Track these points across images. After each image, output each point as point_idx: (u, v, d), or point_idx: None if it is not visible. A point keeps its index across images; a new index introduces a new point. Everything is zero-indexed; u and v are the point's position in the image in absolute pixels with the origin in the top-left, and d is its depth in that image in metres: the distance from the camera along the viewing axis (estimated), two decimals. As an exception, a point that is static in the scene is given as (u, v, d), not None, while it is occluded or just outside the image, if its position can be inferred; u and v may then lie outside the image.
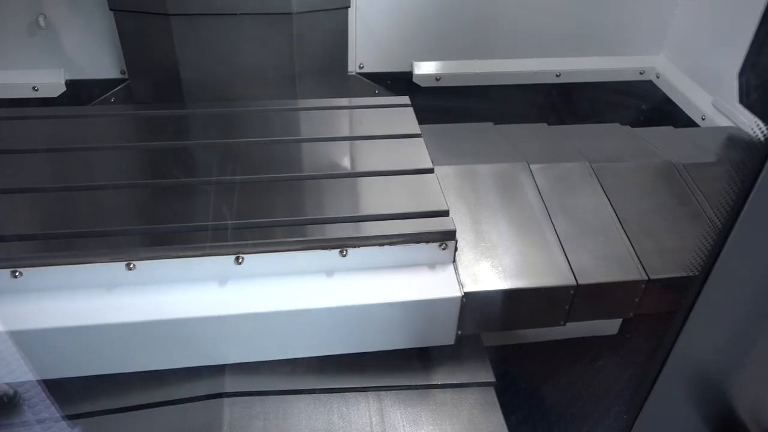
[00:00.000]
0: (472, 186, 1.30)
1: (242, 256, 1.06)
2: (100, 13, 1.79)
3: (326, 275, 1.10)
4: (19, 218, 1.13)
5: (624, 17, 2.04)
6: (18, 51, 1.83)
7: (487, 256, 1.17)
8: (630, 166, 1.37)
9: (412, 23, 1.94)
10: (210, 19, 1.64)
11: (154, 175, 1.26)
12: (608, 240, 1.22)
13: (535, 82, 2.05)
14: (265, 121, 1.41)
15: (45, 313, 1.04)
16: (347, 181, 1.22)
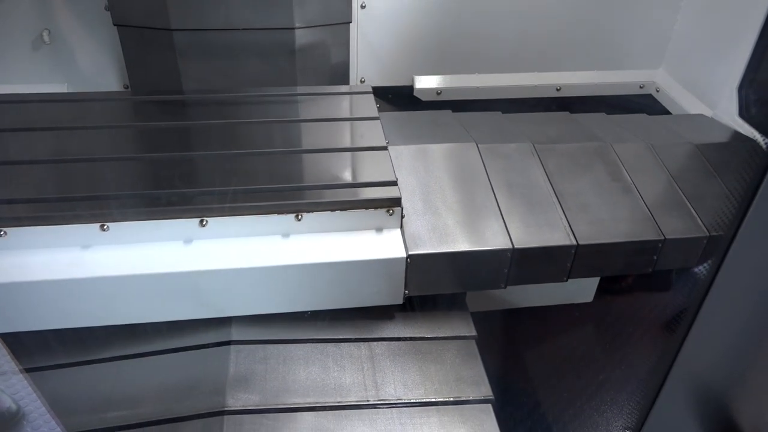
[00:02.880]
0: (424, 164, 1.42)
1: (206, 219, 1.16)
2: (103, 28, 1.80)
3: (282, 237, 1.20)
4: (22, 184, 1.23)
5: (623, 32, 2.06)
6: (22, 65, 1.85)
7: (433, 223, 1.27)
8: (569, 147, 1.50)
9: (413, 38, 1.96)
10: (212, 34, 1.66)
11: (139, 150, 1.36)
12: (544, 210, 1.33)
13: (536, 96, 2.06)
14: (236, 105, 1.52)
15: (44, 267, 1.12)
16: (307, 156, 1.33)
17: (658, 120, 1.81)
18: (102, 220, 1.15)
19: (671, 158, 1.51)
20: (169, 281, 1.14)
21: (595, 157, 1.49)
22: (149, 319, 1.20)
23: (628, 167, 1.47)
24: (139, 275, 1.13)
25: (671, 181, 1.45)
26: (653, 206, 1.36)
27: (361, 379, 1.17)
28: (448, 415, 1.13)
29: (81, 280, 1.12)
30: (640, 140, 1.57)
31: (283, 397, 1.12)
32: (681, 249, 1.33)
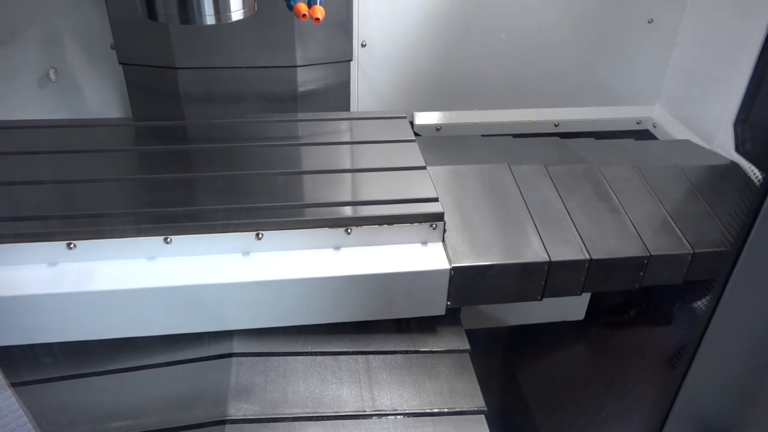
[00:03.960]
0: (459, 183, 1.52)
1: (262, 233, 1.23)
2: (109, 66, 1.84)
3: (333, 250, 1.28)
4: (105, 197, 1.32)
5: (619, 69, 2.09)
6: (28, 102, 1.87)
7: (472, 237, 1.35)
8: (561, 169, 1.61)
9: (413, 75, 1.99)
10: (215, 72, 1.69)
11: (200, 169, 1.44)
12: (561, 227, 1.41)
13: (534, 132, 2.09)
14: (283, 129, 1.63)
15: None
16: (353, 175, 1.42)
17: (644, 144, 1.88)
18: (166, 233, 1.22)
19: (656, 180, 1.59)
20: (231, 291, 1.21)
21: (584, 178, 1.58)
22: (204, 329, 1.26)
23: (614, 188, 1.54)
24: (202, 285, 1.19)
25: (656, 201, 1.51)
26: (639, 224, 1.43)
27: (358, 391, 1.21)
28: (442, 425, 1.16)
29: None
30: (626, 163, 1.64)
31: (282, 407, 1.16)
32: (666, 265, 1.38)
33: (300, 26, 1.63)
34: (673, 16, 2.01)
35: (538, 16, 1.95)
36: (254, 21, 1.25)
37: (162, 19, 1.13)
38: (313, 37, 1.68)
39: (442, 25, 1.92)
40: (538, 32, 1.98)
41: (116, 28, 1.66)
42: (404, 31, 1.91)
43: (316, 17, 1.29)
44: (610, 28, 2.01)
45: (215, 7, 1.13)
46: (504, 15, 1.93)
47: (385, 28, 1.89)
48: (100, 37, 1.79)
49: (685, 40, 2.03)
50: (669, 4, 1.99)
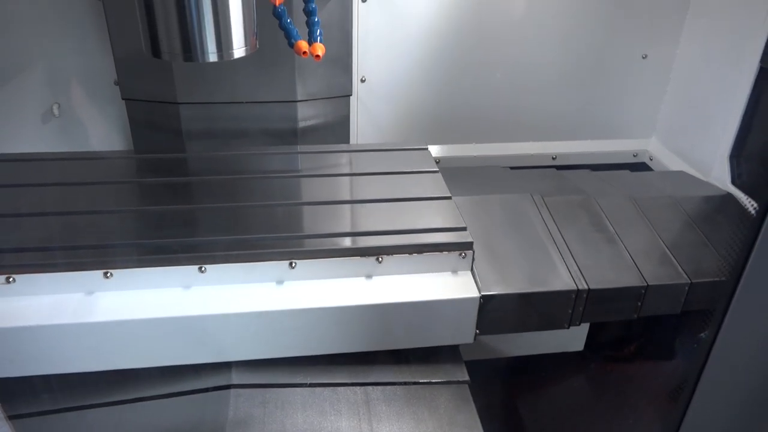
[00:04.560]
0: (483, 213, 1.57)
1: (295, 262, 1.25)
2: (111, 102, 1.87)
3: (365, 278, 1.29)
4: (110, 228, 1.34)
5: (615, 103, 2.13)
6: (31, 137, 1.89)
7: (500, 266, 1.37)
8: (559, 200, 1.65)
9: (411, 109, 2.02)
10: (217, 107, 1.71)
11: (233, 199, 1.47)
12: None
13: (532, 165, 2.11)
14: (308, 160, 1.67)
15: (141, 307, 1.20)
16: (381, 205, 1.45)
17: (640, 176, 1.90)
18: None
19: (652, 210, 1.61)
20: (260, 319, 1.22)
21: (580, 209, 1.61)
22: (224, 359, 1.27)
23: (611, 218, 1.56)
24: (235, 314, 1.20)
25: (653, 232, 1.53)
26: (636, 254, 1.44)
27: (357, 423, 1.20)
28: (441, 458, 1.15)
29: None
30: (622, 194, 1.66)
31: None
32: (664, 295, 1.38)
33: (300, 62, 1.66)
34: (666, 52, 2.05)
35: (535, 52, 1.99)
36: (255, 57, 1.27)
37: (166, 57, 1.15)
38: (313, 73, 1.71)
39: (440, 60, 1.95)
40: (535, 67, 2.02)
41: (120, 65, 1.69)
42: (403, 67, 1.94)
43: (316, 54, 1.31)
44: (605, 63, 2.05)
45: (218, 44, 1.15)
46: (500, 51, 1.97)
47: (384, 63, 1.93)
48: (103, 73, 1.82)
49: (678, 75, 2.06)
50: (662, 40, 2.03)
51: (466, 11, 1.89)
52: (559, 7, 1.93)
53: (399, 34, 1.89)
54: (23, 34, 1.75)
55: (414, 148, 1.71)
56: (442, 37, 1.92)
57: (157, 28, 1.13)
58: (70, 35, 1.77)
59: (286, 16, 1.32)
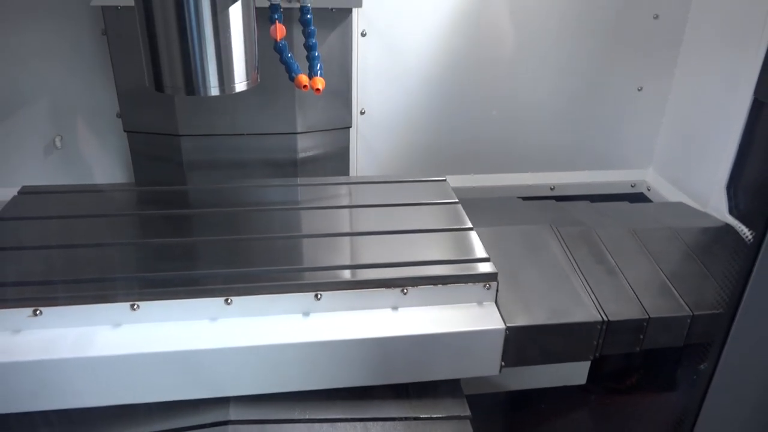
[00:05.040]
0: (503, 243, 1.57)
1: (321, 293, 1.25)
2: (113, 134, 1.88)
3: (391, 310, 1.29)
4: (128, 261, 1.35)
5: (613, 134, 2.15)
6: (33, 169, 1.91)
7: (524, 297, 1.37)
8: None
9: (410, 141, 2.04)
10: (218, 139, 1.73)
11: (257, 231, 1.48)
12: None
13: (531, 195, 2.12)
14: (327, 191, 1.69)
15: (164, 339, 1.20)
16: (404, 236, 1.46)
17: (639, 207, 1.91)
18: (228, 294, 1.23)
19: (652, 242, 1.61)
20: (288, 352, 1.22)
21: (580, 240, 1.61)
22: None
23: (611, 251, 1.56)
24: (264, 346, 1.20)
25: (653, 263, 1.53)
26: (637, 287, 1.44)
27: None
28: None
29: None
30: (621, 225, 1.67)
31: None
32: (666, 328, 1.38)
33: (301, 95, 1.68)
34: (661, 84, 2.08)
35: (531, 85, 2.02)
36: (257, 90, 1.29)
37: (168, 90, 1.17)
38: (313, 106, 1.73)
39: (438, 93, 1.98)
40: (532, 100, 2.05)
41: (122, 98, 1.71)
42: (401, 99, 1.97)
43: (316, 88, 1.33)
44: (601, 95, 2.08)
45: (220, 79, 1.17)
46: (497, 84, 2.00)
47: (383, 96, 1.95)
48: (106, 106, 1.85)
49: (674, 106, 2.09)
50: (657, 72, 2.06)
51: (463, 45, 1.92)
52: (555, 41, 1.97)
53: (398, 68, 1.92)
54: (28, 67, 1.78)
55: (433, 179, 1.73)
56: (440, 71, 1.95)
57: (160, 63, 1.15)
58: (74, 69, 1.80)
59: (287, 51, 1.34)
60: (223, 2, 1.12)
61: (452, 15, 1.88)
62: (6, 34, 1.73)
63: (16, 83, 1.80)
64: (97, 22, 1.73)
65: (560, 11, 1.93)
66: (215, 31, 1.12)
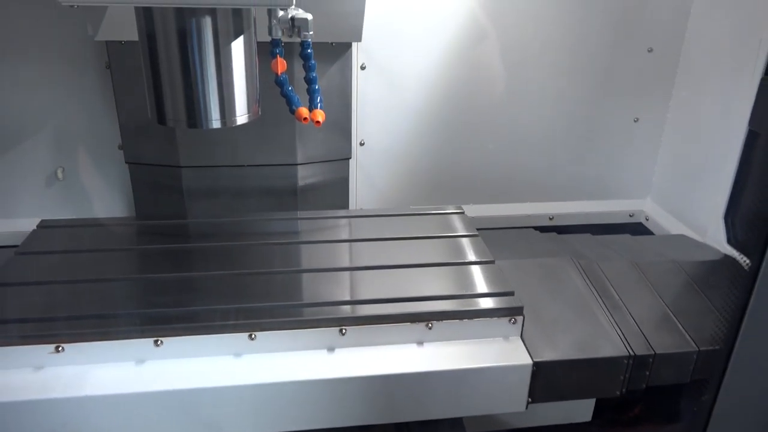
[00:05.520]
0: (524, 277, 1.55)
1: (345, 329, 1.24)
2: (115, 165, 1.90)
3: (417, 345, 1.28)
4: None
5: (610, 165, 2.16)
6: (34, 201, 1.92)
7: (548, 332, 1.36)
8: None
9: (409, 172, 2.06)
10: (219, 170, 1.74)
11: (278, 265, 1.47)
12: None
13: (529, 225, 2.12)
14: (345, 224, 1.69)
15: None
16: (426, 269, 1.45)
17: (641, 240, 1.90)
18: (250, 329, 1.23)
19: (655, 276, 1.60)
20: (314, 388, 1.21)
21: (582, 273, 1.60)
22: None
23: (614, 284, 1.55)
24: (290, 382, 1.19)
25: (657, 298, 1.52)
26: (641, 322, 1.42)
27: None
28: None
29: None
30: (625, 258, 1.66)
31: None
32: (672, 364, 1.36)
33: (301, 127, 1.70)
34: (657, 115, 2.10)
35: (529, 117, 2.04)
36: (257, 122, 1.31)
37: (171, 123, 1.18)
38: (313, 138, 1.75)
39: (436, 125, 2.00)
40: (529, 131, 2.07)
41: (125, 130, 1.73)
42: (400, 131, 1.99)
43: (316, 120, 1.35)
44: (598, 127, 2.10)
45: (221, 112, 1.18)
46: (496, 116, 2.02)
47: (383, 127, 1.97)
48: (108, 138, 1.86)
49: (670, 137, 2.11)
50: (653, 104, 2.09)
51: (460, 79, 1.95)
52: (551, 75, 2.00)
53: (396, 100, 1.94)
54: (32, 98, 1.81)
55: (451, 211, 1.73)
56: (438, 103, 1.97)
57: (162, 97, 1.17)
58: (77, 101, 1.82)
59: (288, 84, 1.36)
60: (225, 38, 1.14)
61: (449, 49, 1.91)
62: (12, 65, 1.76)
63: (19, 115, 1.82)
64: (100, 55, 1.76)
65: (555, 46, 1.96)
66: (217, 65, 1.15)
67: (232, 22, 1.15)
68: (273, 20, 1.22)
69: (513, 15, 1.91)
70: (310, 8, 1.24)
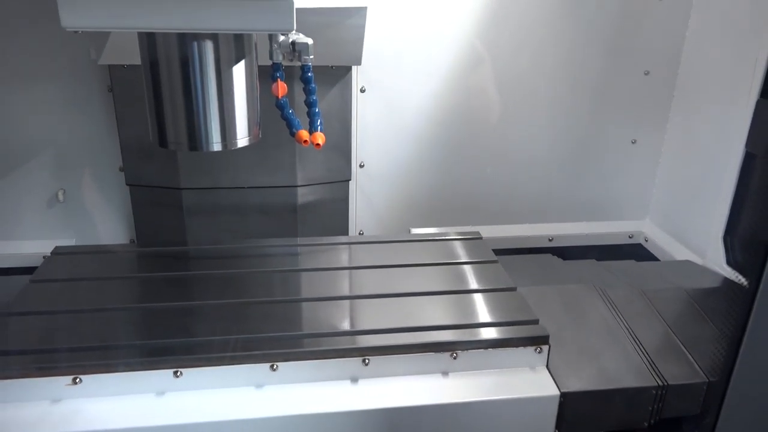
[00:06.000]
0: (545, 304, 1.51)
1: (368, 359, 1.22)
2: (115, 187, 1.91)
3: (442, 375, 1.25)
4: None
5: (608, 186, 2.17)
6: (34, 222, 1.92)
7: (574, 361, 1.32)
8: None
9: (409, 193, 2.06)
10: (219, 192, 1.75)
11: (296, 293, 1.46)
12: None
13: (529, 246, 2.13)
14: (361, 251, 1.67)
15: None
16: (448, 297, 1.43)
17: (647, 266, 1.88)
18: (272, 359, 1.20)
19: (662, 304, 1.57)
20: (338, 421, 1.18)
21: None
22: None
23: (621, 312, 1.52)
24: (312, 414, 1.17)
25: (665, 326, 1.49)
26: (650, 351, 1.39)
27: None
28: None
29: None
30: (631, 285, 1.63)
31: None
32: (683, 395, 1.32)
33: (301, 150, 1.71)
34: (655, 137, 2.12)
35: (527, 137, 2.06)
36: (258, 145, 1.32)
37: (172, 146, 1.19)
38: (313, 160, 1.76)
39: (435, 146, 2.01)
40: (528, 154, 2.08)
41: (126, 152, 1.74)
42: (399, 153, 2.00)
43: (316, 143, 1.36)
44: (596, 149, 2.11)
45: (222, 135, 1.19)
46: (494, 139, 2.04)
47: (382, 149, 1.99)
48: (109, 160, 1.88)
49: (668, 158, 2.12)
50: (650, 125, 2.10)
51: (459, 101, 1.97)
52: (550, 97, 2.02)
53: (395, 123, 1.96)
54: (34, 120, 1.82)
55: (468, 237, 1.71)
56: (437, 124, 1.99)
57: (164, 120, 1.18)
58: (79, 123, 1.84)
59: (288, 107, 1.38)
60: (226, 62, 1.16)
61: (448, 73, 1.94)
62: (15, 87, 1.78)
63: (21, 136, 1.83)
64: (103, 79, 1.78)
65: (553, 69, 1.99)
66: (219, 89, 1.16)
67: (234, 46, 1.17)
68: (274, 45, 1.24)
69: (511, 40, 1.93)
70: (310, 33, 1.25)
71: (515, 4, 1.89)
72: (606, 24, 1.96)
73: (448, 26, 1.88)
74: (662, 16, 1.96)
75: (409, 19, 1.86)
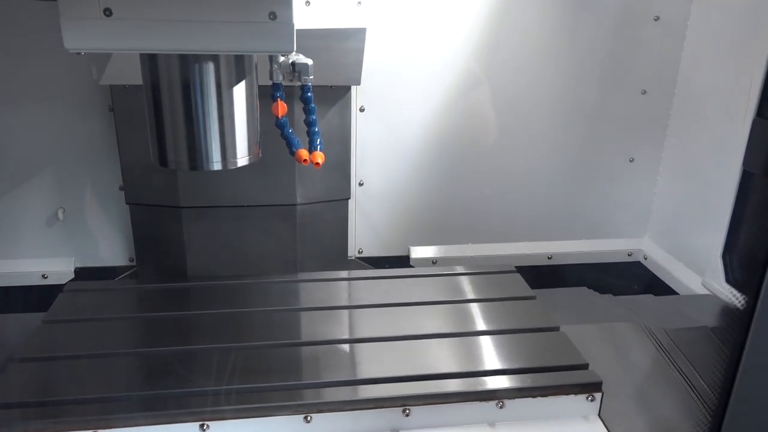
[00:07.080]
0: (589, 344, 1.40)
1: (408, 408, 1.15)
2: (115, 206, 1.91)
3: (488, 426, 1.18)
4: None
5: (607, 204, 2.18)
6: (34, 241, 1.92)
7: (626, 410, 1.23)
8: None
9: (408, 211, 2.07)
10: (218, 210, 1.75)
11: (327, 335, 1.38)
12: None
13: (528, 264, 2.13)
14: (393, 287, 1.60)
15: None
16: (489, 338, 1.35)
17: (665, 301, 1.81)
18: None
19: (685, 342, 1.48)
20: None
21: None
22: None
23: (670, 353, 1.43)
24: None
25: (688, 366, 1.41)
26: (707, 398, 1.29)
27: None
28: None
29: None
30: (648, 322, 1.56)
31: None
32: None
33: (301, 168, 1.72)
34: (652, 155, 2.13)
35: (525, 158, 2.07)
36: (258, 164, 1.33)
37: (172, 166, 1.20)
38: (312, 178, 1.77)
39: (434, 165, 2.02)
40: (527, 172, 2.09)
41: (126, 171, 1.75)
42: (399, 172, 2.01)
43: (316, 162, 1.36)
44: (594, 167, 2.12)
45: (222, 154, 1.20)
46: (492, 157, 2.05)
47: (381, 168, 1.99)
48: (109, 179, 1.88)
49: (666, 176, 2.13)
50: (648, 144, 2.11)
51: (458, 121, 1.98)
52: (548, 115, 2.03)
53: (394, 142, 1.97)
54: (35, 140, 1.83)
55: (502, 271, 1.66)
56: (436, 143, 2.00)
57: (164, 140, 1.19)
58: (80, 143, 1.85)
59: (288, 127, 1.39)
60: (226, 83, 1.17)
61: (446, 93, 1.95)
62: (15, 107, 1.79)
63: (21, 155, 1.84)
64: (104, 98, 1.79)
65: (551, 89, 2.00)
66: (219, 109, 1.17)
67: (234, 67, 1.18)
68: (274, 65, 1.25)
69: (508, 61, 1.95)
70: (310, 53, 1.27)
71: (513, 26, 1.91)
72: (603, 44, 1.98)
73: (447, 47, 1.90)
74: (658, 36, 1.99)
75: (409, 39, 1.88)
